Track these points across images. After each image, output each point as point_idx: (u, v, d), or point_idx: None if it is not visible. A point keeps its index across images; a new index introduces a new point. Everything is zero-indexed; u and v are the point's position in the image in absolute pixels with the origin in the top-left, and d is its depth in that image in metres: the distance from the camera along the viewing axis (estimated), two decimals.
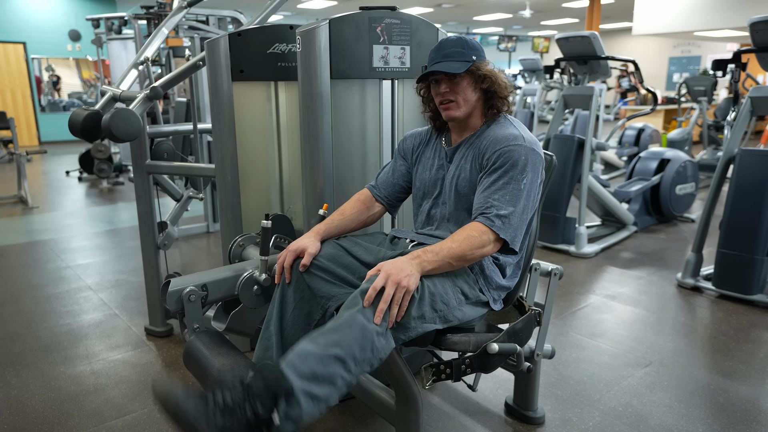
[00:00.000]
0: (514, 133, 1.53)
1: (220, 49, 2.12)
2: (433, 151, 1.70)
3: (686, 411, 2.07)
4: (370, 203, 1.75)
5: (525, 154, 1.48)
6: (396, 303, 1.31)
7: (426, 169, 1.70)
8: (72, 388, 2.25)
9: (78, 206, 5.74)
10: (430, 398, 2.15)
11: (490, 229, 1.43)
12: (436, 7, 13.74)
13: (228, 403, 1.17)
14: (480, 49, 1.58)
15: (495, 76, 1.56)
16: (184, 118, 5.41)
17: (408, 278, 1.32)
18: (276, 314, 1.57)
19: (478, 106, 1.60)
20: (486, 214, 1.44)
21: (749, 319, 2.87)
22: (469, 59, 1.54)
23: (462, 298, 1.47)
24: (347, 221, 1.70)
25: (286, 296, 1.57)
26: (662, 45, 16.15)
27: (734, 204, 3.09)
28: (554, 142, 4.09)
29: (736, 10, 8.29)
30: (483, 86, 1.56)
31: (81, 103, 11.64)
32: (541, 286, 1.80)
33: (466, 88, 1.56)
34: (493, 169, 1.49)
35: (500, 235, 1.43)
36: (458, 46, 1.55)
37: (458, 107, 1.57)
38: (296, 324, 1.57)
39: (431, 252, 1.39)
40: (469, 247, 1.41)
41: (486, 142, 1.54)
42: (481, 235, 1.42)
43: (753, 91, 3.16)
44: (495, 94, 1.57)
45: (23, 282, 3.48)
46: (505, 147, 1.49)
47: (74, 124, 2.27)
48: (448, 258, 1.40)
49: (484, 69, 1.55)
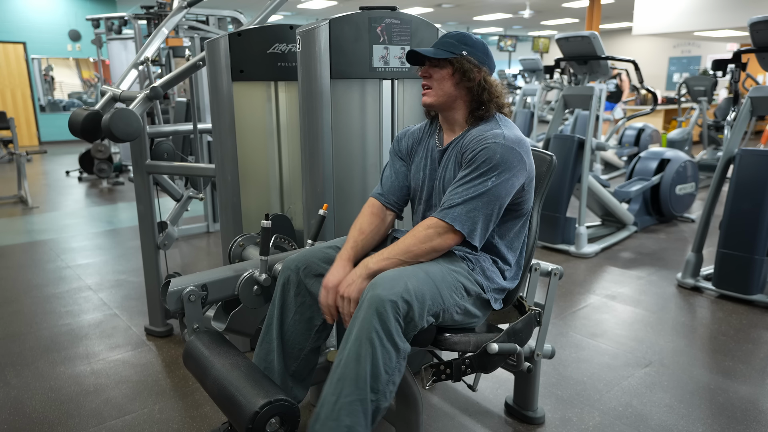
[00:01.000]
0: (496, 131, 1.49)
1: (220, 49, 2.12)
2: (425, 151, 1.67)
3: (686, 411, 2.07)
4: (383, 213, 1.69)
5: (500, 152, 1.44)
6: (346, 313, 1.40)
7: (419, 170, 1.67)
8: (72, 388, 2.25)
9: (78, 206, 5.74)
10: (430, 398, 2.15)
11: (441, 221, 1.43)
12: (436, 7, 13.74)
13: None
14: (479, 48, 1.54)
15: (482, 77, 1.53)
16: (184, 118, 5.41)
17: (348, 287, 1.41)
18: (277, 319, 1.56)
19: (459, 103, 1.56)
20: (441, 208, 1.45)
21: (749, 319, 2.87)
22: (456, 51, 1.51)
23: (465, 294, 1.47)
24: (369, 239, 1.62)
25: (287, 301, 1.56)
26: (662, 45, 16.14)
27: (734, 204, 3.09)
28: (554, 142, 4.09)
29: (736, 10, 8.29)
30: (466, 84, 1.52)
31: (81, 103, 11.64)
32: (541, 286, 1.80)
33: (444, 78, 1.53)
34: (465, 166, 1.47)
35: (455, 227, 1.42)
36: (454, 38, 1.54)
37: (432, 94, 1.55)
38: (297, 329, 1.56)
39: (378, 254, 1.44)
40: (414, 241, 1.43)
41: (467, 141, 1.52)
42: (426, 228, 1.43)
43: (753, 91, 3.16)
44: (479, 95, 1.53)
45: (23, 282, 3.48)
46: (482, 145, 1.46)
47: (74, 124, 2.27)
48: (397, 255, 1.43)
49: (468, 65, 1.51)
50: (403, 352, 1.32)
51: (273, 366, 1.55)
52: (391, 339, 1.29)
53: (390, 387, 1.31)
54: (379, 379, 1.28)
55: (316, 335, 1.58)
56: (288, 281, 1.57)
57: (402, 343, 1.32)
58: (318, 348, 1.62)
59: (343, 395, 1.28)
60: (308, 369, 1.61)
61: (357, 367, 1.27)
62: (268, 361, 1.56)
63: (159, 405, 2.13)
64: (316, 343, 1.59)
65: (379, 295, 1.29)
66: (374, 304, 1.29)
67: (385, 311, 1.28)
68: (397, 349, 1.31)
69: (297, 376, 1.59)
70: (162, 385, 2.27)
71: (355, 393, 1.27)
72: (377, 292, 1.31)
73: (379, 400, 1.29)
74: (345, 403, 1.27)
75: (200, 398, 2.16)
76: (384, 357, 1.28)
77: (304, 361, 1.59)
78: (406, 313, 1.31)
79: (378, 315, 1.28)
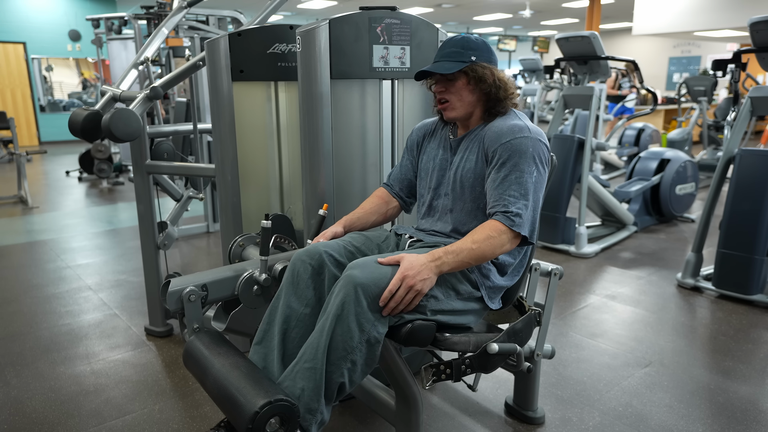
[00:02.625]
0: (519, 124, 1.53)
1: (220, 49, 2.12)
2: (438, 142, 1.71)
3: (686, 411, 2.07)
4: (387, 198, 1.81)
5: (532, 145, 1.49)
6: (405, 303, 1.36)
7: (430, 159, 1.71)
8: (72, 388, 2.25)
9: (78, 206, 5.74)
10: (430, 398, 2.15)
11: (509, 228, 1.44)
12: (436, 7, 13.74)
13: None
14: (484, 48, 1.56)
15: (495, 77, 1.55)
16: (184, 118, 5.41)
17: (423, 282, 1.37)
18: (281, 316, 1.50)
19: (478, 106, 1.59)
20: (505, 213, 1.45)
21: (749, 319, 2.87)
22: (466, 59, 1.53)
23: (452, 293, 1.48)
24: (368, 214, 1.74)
25: (297, 293, 1.51)
26: (662, 45, 16.14)
27: (734, 204, 3.09)
28: (554, 142, 4.09)
29: (736, 10, 8.29)
30: (482, 87, 1.55)
31: (81, 103, 11.64)
32: (541, 286, 1.80)
33: (461, 89, 1.56)
34: (501, 163, 1.49)
35: (520, 233, 1.45)
36: (458, 46, 1.55)
37: (453, 108, 1.59)
38: (306, 324, 1.52)
39: (452, 253, 1.40)
40: (491, 247, 1.43)
41: (491, 134, 1.54)
42: (500, 234, 1.44)
43: (753, 91, 3.15)
44: (495, 95, 1.56)
45: (23, 282, 3.48)
46: (512, 140, 1.49)
47: (74, 124, 2.27)
48: (468, 259, 1.42)
49: (481, 70, 1.54)
50: (368, 334, 1.35)
51: (272, 367, 1.53)
52: (356, 319, 1.33)
53: (346, 364, 1.35)
54: (335, 353, 1.34)
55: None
56: (301, 272, 1.51)
57: (367, 323, 1.35)
58: None
59: (302, 360, 1.37)
60: None
61: (320, 338, 1.35)
62: (267, 361, 1.50)
63: (159, 405, 2.13)
64: None
65: (354, 276, 1.35)
66: (349, 283, 1.35)
67: (356, 292, 1.33)
68: (362, 330, 1.34)
69: None
70: (162, 385, 2.27)
71: (311, 361, 1.35)
72: (353, 272, 1.37)
73: (331, 373, 1.35)
74: (303, 368, 1.36)
75: (200, 398, 2.16)
76: (344, 333, 1.34)
77: None
78: (377, 294, 1.35)
79: (348, 294, 1.34)
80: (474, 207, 1.59)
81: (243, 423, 1.30)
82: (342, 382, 1.36)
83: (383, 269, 1.39)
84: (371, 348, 1.37)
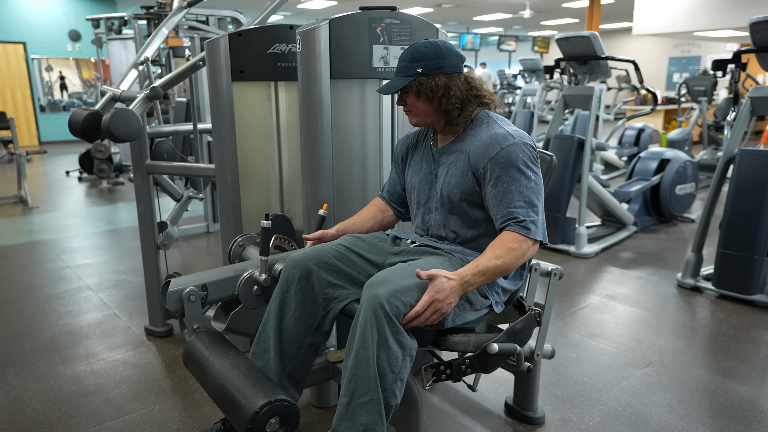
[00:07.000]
0: (501, 132, 1.52)
1: (220, 49, 2.12)
2: (421, 155, 1.71)
3: (686, 411, 2.07)
4: (383, 207, 1.83)
5: (521, 151, 1.49)
6: (428, 323, 1.36)
7: (415, 173, 1.70)
8: (72, 388, 2.25)
9: (78, 206, 5.74)
10: (430, 398, 2.15)
11: (527, 237, 1.46)
12: (436, 7, 13.74)
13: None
14: (431, 55, 1.50)
15: (452, 84, 1.52)
16: (184, 118, 5.41)
17: (449, 306, 1.37)
18: (275, 317, 1.56)
19: (440, 113, 1.57)
20: (519, 223, 1.46)
21: (749, 319, 2.87)
22: (411, 73, 1.51)
23: (467, 305, 1.49)
24: (364, 221, 1.76)
25: (287, 298, 1.56)
26: (662, 45, 16.15)
27: (734, 204, 3.09)
28: (554, 142, 4.09)
29: (736, 10, 8.29)
30: (433, 97, 1.53)
31: (81, 103, 11.64)
32: (541, 286, 1.80)
33: (414, 102, 1.56)
34: (496, 177, 1.49)
35: (537, 239, 1.48)
36: (405, 59, 1.53)
37: (415, 116, 1.60)
38: (297, 327, 1.56)
39: (479, 275, 1.40)
40: (513, 259, 1.44)
41: (475, 148, 1.53)
42: (521, 244, 1.45)
43: (753, 91, 3.15)
44: (449, 104, 1.53)
45: (23, 282, 3.48)
46: (500, 152, 1.48)
47: (74, 124, 2.27)
48: (493, 276, 1.44)
49: (429, 81, 1.50)
50: (408, 349, 1.36)
51: (270, 365, 1.55)
52: (395, 339, 1.32)
53: (398, 384, 1.35)
54: (386, 378, 1.33)
55: (315, 333, 1.58)
56: (290, 278, 1.56)
57: (405, 340, 1.34)
58: (316, 348, 1.61)
59: (355, 396, 1.33)
60: (305, 370, 1.60)
61: (367, 368, 1.32)
62: (264, 359, 1.56)
63: (159, 405, 2.13)
64: (315, 339, 1.59)
65: (378, 296, 1.32)
66: (373, 305, 1.32)
67: (387, 313, 1.31)
68: (402, 347, 1.34)
69: (293, 376, 1.58)
70: (162, 385, 2.27)
71: (367, 394, 1.32)
72: (377, 291, 1.33)
73: (388, 398, 1.34)
74: (359, 403, 1.32)
75: (200, 398, 2.16)
76: (389, 357, 1.32)
77: (301, 360, 1.58)
78: (404, 312, 1.33)
79: (378, 316, 1.31)
80: (467, 218, 1.59)
81: (243, 423, 1.30)
82: (397, 403, 1.37)
83: (406, 282, 1.37)
84: (411, 360, 1.38)
